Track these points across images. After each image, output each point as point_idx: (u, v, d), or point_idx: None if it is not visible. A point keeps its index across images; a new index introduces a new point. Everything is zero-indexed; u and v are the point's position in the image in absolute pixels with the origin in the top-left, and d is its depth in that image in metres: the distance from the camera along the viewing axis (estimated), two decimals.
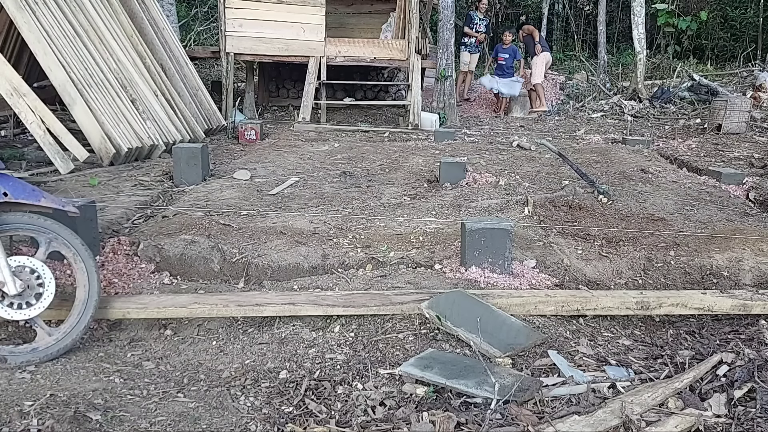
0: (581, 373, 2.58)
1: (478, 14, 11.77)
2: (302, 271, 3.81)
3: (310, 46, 9.53)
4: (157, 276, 3.68)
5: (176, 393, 2.53)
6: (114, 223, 4.22)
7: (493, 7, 16.81)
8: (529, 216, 4.44)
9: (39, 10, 5.73)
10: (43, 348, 2.72)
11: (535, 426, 2.12)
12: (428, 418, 2.17)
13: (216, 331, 3.15)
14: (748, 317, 3.15)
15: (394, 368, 2.56)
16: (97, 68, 6.16)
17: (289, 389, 2.51)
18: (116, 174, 5.55)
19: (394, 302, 3.05)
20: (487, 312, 2.94)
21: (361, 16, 12.86)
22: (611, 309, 3.19)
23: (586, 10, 18.63)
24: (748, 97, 8.92)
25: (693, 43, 16.18)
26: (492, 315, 2.94)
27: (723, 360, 2.56)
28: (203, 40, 15.32)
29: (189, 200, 4.92)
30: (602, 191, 4.85)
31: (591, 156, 6.89)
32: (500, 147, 7.67)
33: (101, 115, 5.81)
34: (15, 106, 5.36)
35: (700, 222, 4.49)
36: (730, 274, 3.88)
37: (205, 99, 8.43)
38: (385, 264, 3.80)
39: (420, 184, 5.66)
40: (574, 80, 13.54)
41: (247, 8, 9.28)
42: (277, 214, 4.53)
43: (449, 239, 4.04)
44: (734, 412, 2.21)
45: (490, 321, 2.88)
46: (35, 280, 2.72)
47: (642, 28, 11.67)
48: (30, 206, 2.73)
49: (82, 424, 2.20)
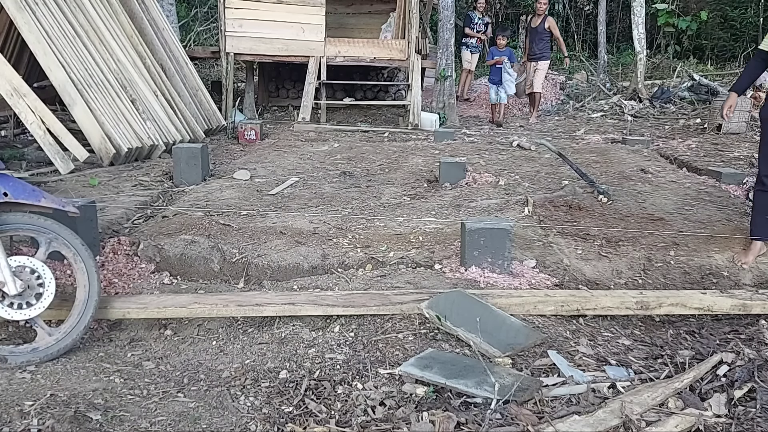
0: (581, 373, 2.58)
1: (476, 14, 11.81)
2: (302, 271, 3.81)
3: (310, 46, 9.53)
4: (157, 276, 3.68)
5: (176, 393, 2.53)
6: (114, 223, 4.22)
7: (493, 6, 16.82)
8: (528, 216, 4.45)
9: (39, 11, 5.73)
10: (43, 348, 2.72)
11: (535, 426, 2.12)
12: (428, 418, 2.17)
13: (216, 331, 3.15)
14: (748, 317, 3.15)
15: (393, 368, 2.56)
16: (97, 68, 6.16)
17: (289, 389, 2.51)
18: (116, 174, 5.56)
19: (393, 302, 3.05)
20: (486, 312, 2.94)
21: (361, 16, 12.87)
22: (611, 309, 3.19)
23: (586, 10, 18.64)
24: (749, 97, 8.90)
25: (693, 43, 16.17)
26: (492, 315, 2.94)
27: (723, 360, 2.56)
28: (203, 40, 15.32)
29: (189, 200, 4.93)
30: (602, 191, 4.85)
31: (591, 156, 6.89)
32: (500, 147, 7.67)
33: (101, 115, 5.82)
34: (15, 106, 5.37)
35: (699, 222, 4.49)
36: (729, 274, 3.88)
37: (205, 99, 8.43)
38: (384, 264, 3.81)
39: (420, 184, 5.66)
40: (574, 80, 13.53)
41: (247, 8, 9.28)
42: (277, 214, 4.54)
43: (449, 239, 4.04)
44: (734, 412, 2.22)
45: (489, 321, 2.88)
46: (35, 280, 2.72)
47: (642, 28, 11.67)
48: (30, 206, 2.73)
49: (82, 424, 2.20)
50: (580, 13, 18.70)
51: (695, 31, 15.35)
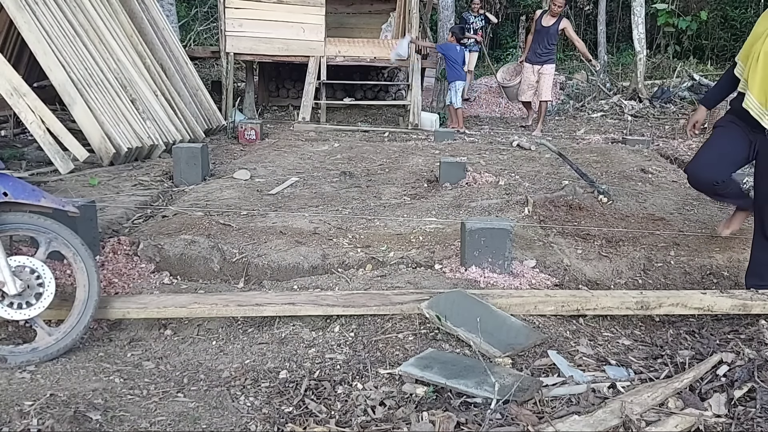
0: (581, 373, 2.58)
1: (471, 14, 11.80)
2: (302, 271, 3.81)
3: (310, 46, 9.53)
4: (157, 276, 3.68)
5: (176, 393, 2.53)
6: (114, 223, 4.22)
7: (493, 6, 16.81)
8: (529, 216, 4.44)
9: (39, 10, 5.73)
10: (43, 348, 2.71)
11: (535, 426, 2.11)
12: (428, 418, 2.17)
13: (216, 330, 3.15)
14: (748, 317, 3.15)
15: (394, 368, 2.55)
16: (97, 68, 6.16)
17: (289, 389, 2.51)
18: (116, 174, 5.55)
19: (394, 302, 3.05)
20: (486, 312, 2.94)
21: (361, 16, 12.88)
22: (611, 309, 3.19)
23: (586, 10, 18.63)
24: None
25: (693, 43, 16.17)
26: (492, 315, 2.94)
27: (723, 360, 2.55)
28: (203, 40, 15.34)
29: (189, 200, 4.92)
30: (602, 191, 4.85)
31: (591, 156, 6.89)
32: (500, 147, 7.67)
33: (101, 115, 5.81)
34: (15, 106, 5.37)
35: (700, 222, 4.49)
36: (730, 274, 3.88)
37: (205, 99, 8.43)
38: (384, 264, 3.80)
39: (420, 184, 5.65)
40: (574, 80, 13.53)
41: (247, 8, 9.29)
42: (277, 214, 4.53)
43: (449, 239, 4.04)
44: (734, 412, 2.21)
45: (489, 321, 2.88)
46: (35, 280, 2.71)
47: (642, 28, 11.67)
48: (30, 206, 2.73)
49: (82, 424, 2.20)
50: (580, 13, 18.70)
51: (695, 31, 15.35)
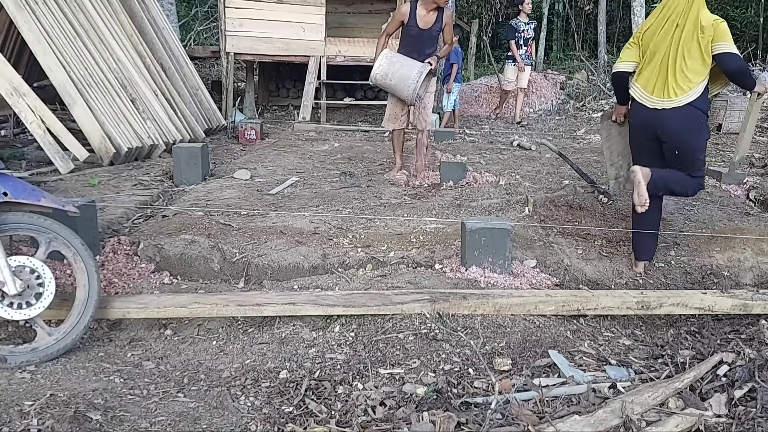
0: (582, 372, 2.58)
1: (521, 22, 9.27)
2: (302, 270, 3.81)
3: (310, 46, 9.53)
4: (157, 276, 3.68)
5: (176, 393, 2.53)
6: (114, 222, 4.21)
7: (493, 6, 16.81)
8: (529, 216, 4.44)
9: (39, 10, 5.73)
10: (43, 348, 2.71)
11: (536, 426, 2.11)
12: (428, 418, 2.17)
13: (216, 330, 3.15)
14: (749, 317, 3.15)
15: (394, 368, 2.55)
16: (97, 68, 6.16)
17: (290, 389, 2.51)
18: (116, 174, 5.55)
19: (394, 302, 3.05)
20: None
21: (361, 15, 12.86)
22: (612, 309, 3.19)
23: (586, 10, 18.65)
24: (749, 97, 8.90)
25: None
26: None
27: (723, 360, 2.56)
28: (203, 40, 15.34)
29: (189, 200, 4.92)
30: (602, 191, 4.84)
31: (591, 156, 6.88)
32: (500, 147, 7.67)
33: (101, 114, 5.81)
34: (15, 105, 5.36)
35: (700, 222, 4.48)
36: (730, 274, 3.88)
37: (205, 99, 8.43)
38: (385, 264, 3.80)
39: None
40: (574, 80, 13.52)
41: (247, 8, 9.28)
42: (277, 214, 4.53)
43: (449, 239, 4.04)
44: (734, 411, 2.21)
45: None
46: (35, 279, 2.71)
47: None
48: (30, 206, 2.73)
49: (82, 424, 2.20)
50: (580, 12, 18.71)
51: None
